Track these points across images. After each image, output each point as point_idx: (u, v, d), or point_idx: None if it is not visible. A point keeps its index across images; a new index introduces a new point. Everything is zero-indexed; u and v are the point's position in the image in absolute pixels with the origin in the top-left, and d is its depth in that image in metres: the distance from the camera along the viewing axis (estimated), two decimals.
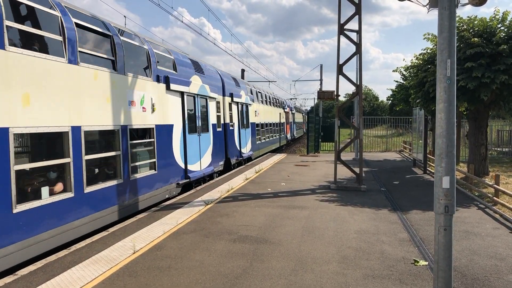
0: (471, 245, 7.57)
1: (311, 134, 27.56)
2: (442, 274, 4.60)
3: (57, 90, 7.38)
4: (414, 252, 7.17)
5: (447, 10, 4.49)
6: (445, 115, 4.50)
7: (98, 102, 8.54)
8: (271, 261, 6.71)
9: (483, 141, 15.13)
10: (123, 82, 9.49)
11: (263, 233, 8.29)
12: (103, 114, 8.72)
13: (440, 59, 4.54)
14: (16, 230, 6.42)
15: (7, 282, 5.85)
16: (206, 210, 10.23)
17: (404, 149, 27.10)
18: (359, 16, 13.29)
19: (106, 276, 6.07)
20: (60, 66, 7.46)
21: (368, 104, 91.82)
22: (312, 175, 16.64)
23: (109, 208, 8.88)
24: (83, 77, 8.08)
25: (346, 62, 13.75)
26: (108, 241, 7.72)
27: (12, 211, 6.32)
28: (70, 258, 6.81)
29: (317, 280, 5.95)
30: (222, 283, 5.81)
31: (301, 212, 10.12)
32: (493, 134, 25.95)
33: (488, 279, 6.00)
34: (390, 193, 12.87)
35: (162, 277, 6.06)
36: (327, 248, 7.34)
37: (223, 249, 7.29)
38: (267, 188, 13.51)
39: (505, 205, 10.07)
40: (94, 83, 8.40)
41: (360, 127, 13.79)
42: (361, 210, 10.43)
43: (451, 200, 4.51)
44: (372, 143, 31.97)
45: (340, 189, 13.46)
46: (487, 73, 12.59)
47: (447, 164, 4.50)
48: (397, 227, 8.81)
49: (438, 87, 4.55)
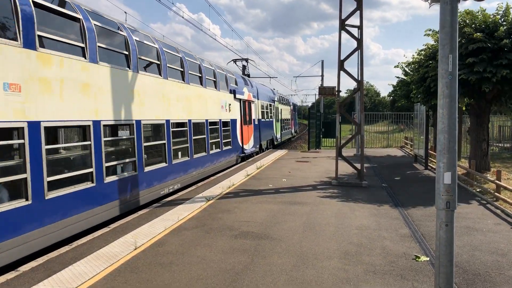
0: (472, 240, 7.57)
1: (312, 130, 27.68)
2: (443, 269, 4.59)
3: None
4: (416, 248, 7.17)
5: (449, 4, 4.45)
6: (446, 111, 4.48)
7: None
8: (273, 257, 6.72)
9: (485, 137, 15.09)
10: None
11: (265, 229, 8.30)
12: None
13: (441, 54, 4.51)
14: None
15: (9, 278, 5.87)
16: (207, 206, 10.25)
17: (406, 145, 27.06)
18: (360, 12, 13.23)
19: (108, 272, 6.09)
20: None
21: (369, 100, 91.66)
22: (313, 171, 16.64)
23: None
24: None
25: (347, 57, 13.70)
26: (109, 237, 7.73)
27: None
28: (71, 254, 6.83)
29: (318, 275, 5.95)
30: (224, 279, 5.82)
31: (302, 208, 10.13)
32: (495, 129, 25.91)
33: (490, 275, 6.00)
34: (391, 189, 12.86)
35: (163, 273, 6.07)
36: (328, 244, 7.34)
37: (225, 245, 7.30)
38: (268, 184, 13.51)
39: (507, 201, 10.06)
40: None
41: (361, 123, 13.76)
42: (362, 206, 10.43)
43: (452, 195, 4.50)
44: (373, 139, 31.93)
45: (341, 185, 13.46)
46: (489, 68, 12.56)
47: (448, 159, 4.48)
48: (398, 222, 8.81)
49: (440, 82, 4.52)
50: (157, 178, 11.20)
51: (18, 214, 6.43)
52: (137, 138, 10.13)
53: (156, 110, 11.30)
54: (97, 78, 8.52)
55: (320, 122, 29.41)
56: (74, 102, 7.83)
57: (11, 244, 6.29)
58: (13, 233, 6.32)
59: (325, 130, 29.49)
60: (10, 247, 6.29)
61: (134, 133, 10.01)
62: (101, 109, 8.63)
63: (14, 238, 6.33)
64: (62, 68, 7.47)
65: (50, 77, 7.16)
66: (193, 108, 13.71)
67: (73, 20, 8.02)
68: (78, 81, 7.93)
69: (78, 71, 7.95)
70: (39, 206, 6.82)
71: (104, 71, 8.80)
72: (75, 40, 8.02)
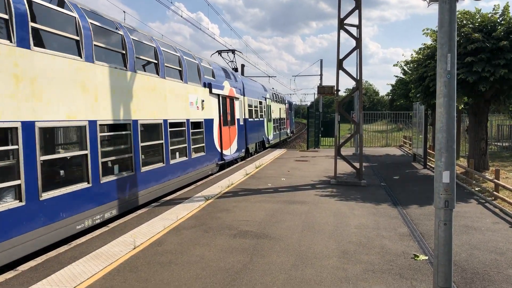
0: (471, 239, 7.58)
1: (311, 130, 27.72)
2: (442, 268, 4.60)
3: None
4: (414, 247, 7.18)
5: (448, 4, 4.46)
6: (445, 110, 4.49)
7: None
8: (272, 256, 6.72)
9: (483, 136, 15.11)
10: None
11: (264, 228, 8.30)
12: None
13: (440, 53, 4.52)
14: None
15: (7, 278, 5.87)
16: (206, 206, 10.25)
17: (404, 144, 27.08)
18: (359, 11, 13.24)
19: (107, 271, 6.09)
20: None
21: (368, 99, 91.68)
22: (312, 170, 16.65)
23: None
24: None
25: (346, 57, 13.71)
26: (108, 237, 7.73)
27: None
28: (70, 254, 6.82)
29: (318, 274, 5.96)
30: (223, 278, 5.83)
31: (301, 207, 10.13)
32: (493, 128, 25.94)
33: (488, 273, 6.01)
34: (390, 188, 12.88)
35: (162, 272, 6.07)
36: (327, 243, 7.35)
37: (224, 244, 7.30)
38: (267, 183, 13.52)
39: (505, 200, 10.08)
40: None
41: (360, 122, 13.77)
42: (361, 205, 10.44)
43: (451, 194, 4.51)
44: (372, 138, 31.94)
45: (340, 184, 13.47)
46: (487, 67, 12.59)
47: (447, 158, 4.49)
48: (397, 221, 8.82)
49: (438, 81, 4.53)
50: (71, 207, 7.73)
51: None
52: (24, 149, 6.60)
53: (71, 106, 7.80)
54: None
55: (319, 121, 29.44)
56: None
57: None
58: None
59: (324, 129, 29.53)
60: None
61: (17, 143, 6.50)
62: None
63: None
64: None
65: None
66: (141, 104, 10.28)
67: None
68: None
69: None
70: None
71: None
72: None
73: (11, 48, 6.45)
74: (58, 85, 7.46)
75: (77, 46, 8.09)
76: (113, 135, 9.54)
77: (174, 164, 12.26)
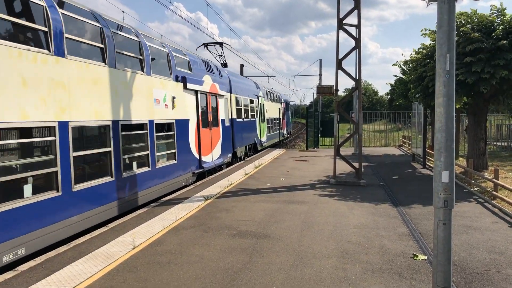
0: (470, 239, 7.59)
1: (310, 129, 27.74)
2: (441, 268, 4.61)
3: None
4: (413, 247, 7.19)
5: (446, 3, 4.46)
6: (444, 110, 4.49)
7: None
8: (271, 256, 6.72)
9: (482, 136, 15.13)
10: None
11: (263, 228, 8.31)
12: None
13: (439, 53, 4.52)
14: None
15: (7, 278, 5.86)
16: (206, 206, 10.25)
17: (403, 144, 27.11)
18: (358, 11, 13.25)
19: (106, 271, 6.09)
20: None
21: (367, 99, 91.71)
22: (312, 170, 16.65)
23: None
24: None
25: (345, 56, 13.72)
26: (107, 237, 7.73)
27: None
28: (70, 254, 6.82)
29: (317, 274, 5.96)
30: (222, 278, 5.83)
31: (301, 207, 10.14)
32: (492, 128, 25.96)
33: (487, 273, 6.02)
34: (389, 187, 12.89)
35: (162, 272, 6.07)
36: (326, 243, 7.36)
37: (223, 244, 7.30)
38: (267, 183, 13.52)
39: (504, 199, 10.09)
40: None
41: (359, 122, 13.78)
42: (361, 205, 10.45)
43: (450, 194, 4.51)
44: (371, 138, 31.96)
45: (340, 184, 13.47)
46: (487, 68, 12.59)
47: (446, 158, 4.50)
48: (396, 221, 8.83)
49: (437, 81, 4.53)
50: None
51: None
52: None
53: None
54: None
55: (318, 121, 29.44)
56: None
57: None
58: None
59: (323, 129, 29.53)
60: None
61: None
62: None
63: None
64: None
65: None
66: (77, 100, 7.88)
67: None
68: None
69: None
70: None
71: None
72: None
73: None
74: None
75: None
76: (41, 142, 7.49)
77: (129, 177, 9.69)
